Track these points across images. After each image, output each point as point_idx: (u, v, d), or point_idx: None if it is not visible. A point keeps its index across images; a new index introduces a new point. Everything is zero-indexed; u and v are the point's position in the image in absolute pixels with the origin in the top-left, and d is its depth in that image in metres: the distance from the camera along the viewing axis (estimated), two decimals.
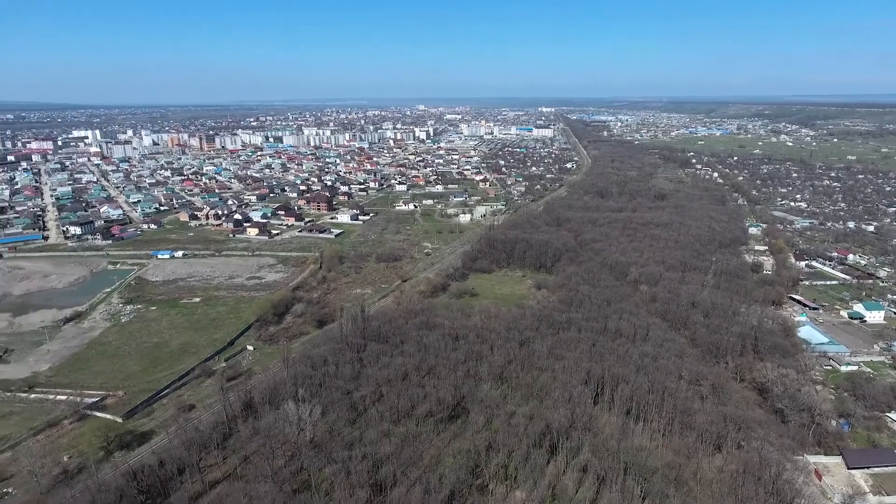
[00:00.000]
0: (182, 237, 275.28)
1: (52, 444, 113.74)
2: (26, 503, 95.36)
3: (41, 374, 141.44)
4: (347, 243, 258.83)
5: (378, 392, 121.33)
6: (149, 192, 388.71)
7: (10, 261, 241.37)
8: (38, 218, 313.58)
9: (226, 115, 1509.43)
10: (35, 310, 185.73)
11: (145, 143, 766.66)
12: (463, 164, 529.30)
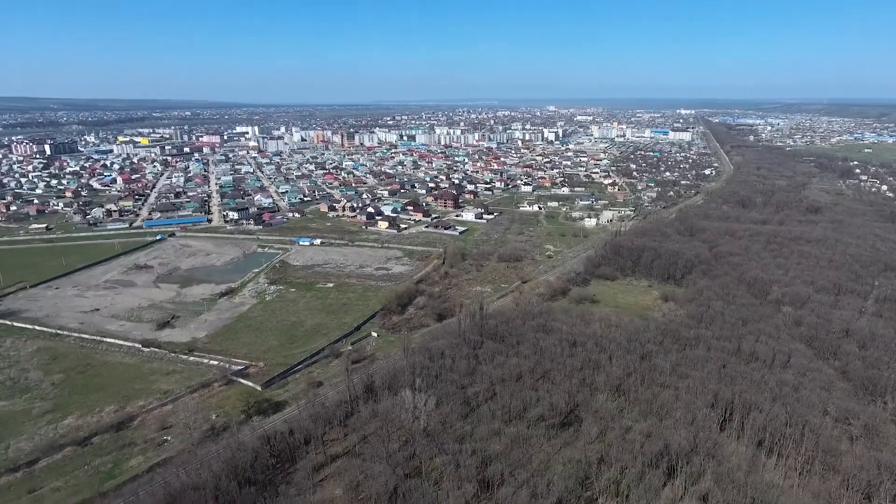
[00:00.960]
0: (321, 226, 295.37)
1: (203, 402, 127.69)
2: (181, 451, 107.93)
3: (199, 341, 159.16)
4: (470, 241, 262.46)
5: (491, 390, 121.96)
6: (295, 184, 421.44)
7: (181, 239, 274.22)
8: (204, 203, 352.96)
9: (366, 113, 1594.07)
10: (198, 283, 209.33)
11: (295, 138, 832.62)
12: (591, 167, 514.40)
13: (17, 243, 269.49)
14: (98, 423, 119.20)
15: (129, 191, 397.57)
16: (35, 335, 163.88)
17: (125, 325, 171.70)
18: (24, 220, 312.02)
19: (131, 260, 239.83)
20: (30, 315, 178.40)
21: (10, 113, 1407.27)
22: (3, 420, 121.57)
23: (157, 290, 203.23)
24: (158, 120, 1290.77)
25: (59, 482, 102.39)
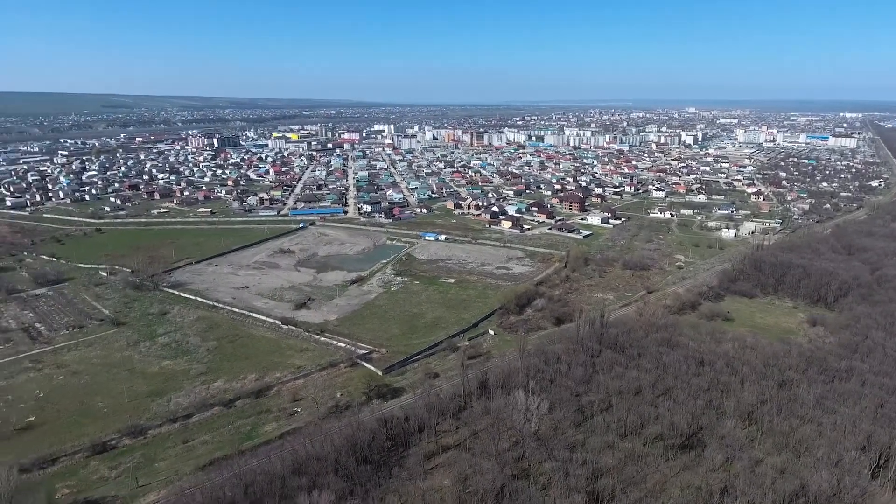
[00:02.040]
0: (446, 223, 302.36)
1: (330, 380, 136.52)
2: (308, 423, 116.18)
3: (330, 323, 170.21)
4: (595, 246, 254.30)
5: (607, 401, 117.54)
6: (425, 181, 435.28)
7: (320, 228, 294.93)
8: (342, 195, 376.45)
9: (496, 114, 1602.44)
10: (332, 270, 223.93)
11: (427, 137, 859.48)
12: (733, 174, 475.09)
13: (188, 224, 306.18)
14: (241, 389, 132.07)
15: (279, 182, 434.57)
16: (196, 305, 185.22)
17: (269, 302, 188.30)
18: (194, 204, 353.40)
19: (277, 244, 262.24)
20: (193, 287, 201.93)
21: (188, 110, 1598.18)
22: (168, 377, 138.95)
23: (297, 274, 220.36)
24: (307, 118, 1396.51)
25: (207, 436, 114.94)
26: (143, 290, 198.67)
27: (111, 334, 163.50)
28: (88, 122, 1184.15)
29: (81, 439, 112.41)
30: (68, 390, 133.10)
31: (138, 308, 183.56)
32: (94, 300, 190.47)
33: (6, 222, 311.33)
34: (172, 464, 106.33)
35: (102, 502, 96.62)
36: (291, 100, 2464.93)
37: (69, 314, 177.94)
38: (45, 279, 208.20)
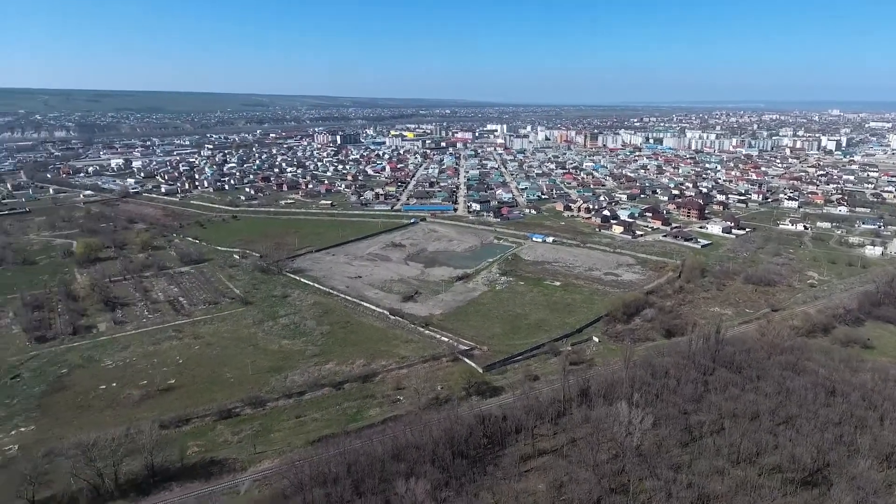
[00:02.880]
0: (554, 225, 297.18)
1: (432, 373, 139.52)
2: (409, 412, 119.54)
3: (434, 317, 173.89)
4: (714, 256, 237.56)
5: (719, 423, 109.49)
6: (535, 182, 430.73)
7: (430, 224, 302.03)
8: (452, 193, 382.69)
9: (612, 114, 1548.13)
10: (439, 265, 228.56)
11: (539, 137, 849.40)
12: (883, 185, 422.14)
13: (310, 215, 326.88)
14: (350, 373, 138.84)
15: (394, 178, 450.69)
16: (314, 291, 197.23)
17: (379, 293, 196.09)
18: (317, 197, 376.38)
19: (389, 238, 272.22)
20: (312, 274, 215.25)
21: (316, 109, 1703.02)
22: (286, 355, 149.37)
23: (406, 267, 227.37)
24: (423, 117, 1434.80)
25: (317, 414, 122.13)
26: (268, 273, 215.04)
27: (240, 312, 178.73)
28: (231, 119, 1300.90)
29: (211, 404, 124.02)
30: (202, 359, 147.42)
31: (264, 290, 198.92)
32: (227, 280, 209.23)
33: (161, 206, 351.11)
34: (286, 436, 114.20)
35: (225, 463, 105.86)
36: (409, 99, 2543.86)
37: (207, 291, 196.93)
38: (189, 258, 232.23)
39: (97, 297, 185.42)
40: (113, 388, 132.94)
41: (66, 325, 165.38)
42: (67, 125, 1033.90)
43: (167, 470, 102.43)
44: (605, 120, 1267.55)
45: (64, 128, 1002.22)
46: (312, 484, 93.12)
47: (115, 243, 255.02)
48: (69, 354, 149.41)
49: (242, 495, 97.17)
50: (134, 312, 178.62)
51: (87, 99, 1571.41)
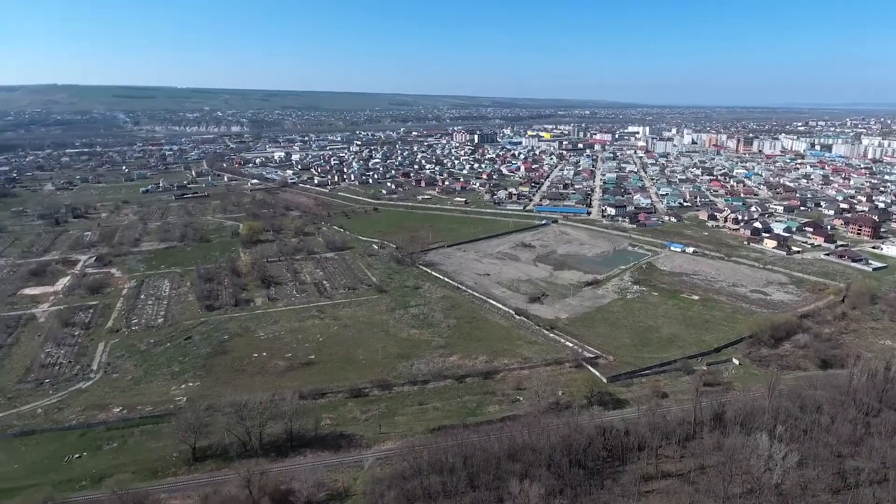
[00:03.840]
0: (696, 234, 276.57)
1: (554, 377, 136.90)
2: (528, 413, 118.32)
3: (560, 321, 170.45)
4: (888, 281, 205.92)
5: (881, 473, 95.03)
6: (677, 188, 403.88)
7: (562, 226, 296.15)
8: (587, 196, 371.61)
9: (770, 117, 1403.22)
10: (568, 269, 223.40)
11: (685, 140, 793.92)
12: None
13: (445, 211, 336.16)
14: (472, 367, 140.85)
15: (528, 178, 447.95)
16: (443, 285, 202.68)
17: (505, 292, 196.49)
18: (452, 194, 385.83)
19: (519, 238, 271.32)
20: (443, 268, 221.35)
21: (456, 108, 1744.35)
22: (414, 344, 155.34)
23: (535, 268, 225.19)
24: (562, 117, 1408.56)
25: (438, 403, 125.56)
26: (403, 264, 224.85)
27: (375, 299, 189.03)
28: (378, 117, 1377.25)
29: (344, 382, 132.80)
30: (339, 339, 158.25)
31: (398, 280, 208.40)
32: (366, 268, 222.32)
33: (313, 196, 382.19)
34: (408, 420, 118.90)
35: (352, 438, 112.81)
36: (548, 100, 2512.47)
37: (347, 277, 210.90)
38: (333, 245, 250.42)
39: (256, 275, 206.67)
40: (263, 357, 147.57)
41: (230, 298, 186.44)
42: (242, 121, 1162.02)
43: (303, 437, 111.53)
44: (762, 123, 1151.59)
45: (239, 123, 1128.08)
46: (430, 470, 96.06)
47: (274, 228, 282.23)
48: (230, 323, 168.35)
49: (366, 470, 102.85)
50: (285, 291, 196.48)
51: (259, 98, 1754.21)
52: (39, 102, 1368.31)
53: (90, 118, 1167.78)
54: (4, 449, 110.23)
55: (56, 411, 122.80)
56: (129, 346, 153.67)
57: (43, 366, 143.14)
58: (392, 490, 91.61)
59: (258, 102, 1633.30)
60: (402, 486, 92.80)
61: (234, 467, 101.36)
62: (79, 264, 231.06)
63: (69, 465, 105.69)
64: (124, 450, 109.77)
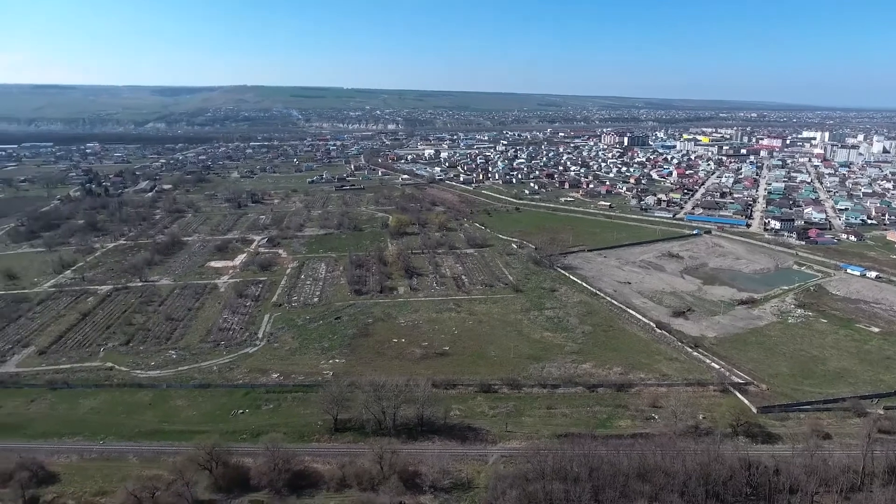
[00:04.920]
0: (881, 257, 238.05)
1: (694, 399, 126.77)
2: (662, 434, 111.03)
3: (706, 339, 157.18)
4: None
5: None
6: (860, 202, 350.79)
7: (715, 238, 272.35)
8: (747, 206, 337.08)
9: None
10: (720, 284, 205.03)
11: (874, 149, 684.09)
12: None
13: (587, 214, 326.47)
14: (605, 377, 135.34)
15: (680, 185, 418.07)
16: (580, 290, 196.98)
17: (647, 303, 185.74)
18: (596, 197, 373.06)
19: (666, 247, 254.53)
20: (581, 273, 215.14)
21: (606, 109, 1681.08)
22: (546, 346, 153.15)
23: (681, 281, 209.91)
24: (723, 120, 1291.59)
25: (567, 410, 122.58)
26: (540, 265, 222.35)
27: (511, 298, 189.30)
28: (526, 117, 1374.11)
29: (475, 376, 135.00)
30: (473, 334, 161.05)
31: (534, 281, 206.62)
32: (503, 266, 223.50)
33: (458, 193, 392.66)
34: (535, 423, 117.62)
35: (479, 431, 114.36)
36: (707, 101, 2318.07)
37: (485, 274, 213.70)
38: (474, 242, 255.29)
39: (400, 265, 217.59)
40: (402, 343, 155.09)
41: (376, 284, 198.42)
42: (397, 119, 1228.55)
43: (432, 423, 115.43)
44: None
45: (395, 121, 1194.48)
46: (553, 476, 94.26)
47: (419, 221, 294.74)
48: (375, 308, 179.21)
49: (489, 466, 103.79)
50: (426, 282, 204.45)
51: (414, 98, 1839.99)
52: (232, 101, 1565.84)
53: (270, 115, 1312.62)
54: (187, 397, 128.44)
55: (227, 370, 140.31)
56: (289, 320, 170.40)
57: (220, 329, 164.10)
58: (514, 489, 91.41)
59: (413, 102, 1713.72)
60: (525, 488, 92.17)
61: (368, 442, 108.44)
62: (253, 244, 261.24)
63: (234, 418, 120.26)
64: (278, 411, 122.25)
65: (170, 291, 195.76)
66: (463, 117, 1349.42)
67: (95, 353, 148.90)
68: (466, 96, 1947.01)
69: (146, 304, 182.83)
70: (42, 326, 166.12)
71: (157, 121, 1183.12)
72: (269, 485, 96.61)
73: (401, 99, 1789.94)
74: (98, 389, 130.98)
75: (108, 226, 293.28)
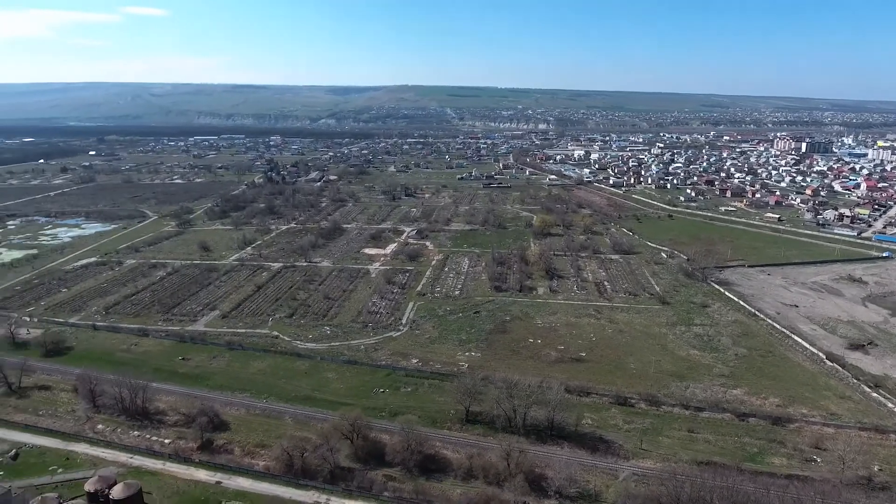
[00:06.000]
0: None
1: (869, 446, 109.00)
2: (825, 480, 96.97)
3: (890, 380, 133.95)
4: None
5: None
6: None
7: None
8: None
9: None
10: None
11: None
12: None
13: (751, 226, 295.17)
14: (759, 408, 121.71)
15: (869, 199, 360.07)
16: (736, 308, 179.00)
17: (816, 330, 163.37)
18: (763, 208, 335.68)
19: (846, 269, 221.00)
20: (738, 290, 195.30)
21: (782, 111, 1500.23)
22: (692, 365, 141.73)
23: (862, 309, 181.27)
24: None
25: (710, 436, 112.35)
26: (692, 278, 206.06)
27: (656, 309, 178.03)
28: (686, 119, 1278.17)
29: (610, 387, 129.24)
30: (612, 343, 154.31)
31: (683, 293, 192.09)
32: (650, 276, 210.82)
33: (606, 196, 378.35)
34: (673, 445, 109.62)
35: (611, 444, 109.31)
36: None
37: (629, 282, 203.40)
38: (619, 248, 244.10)
39: (542, 265, 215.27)
40: (537, 343, 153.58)
41: (516, 283, 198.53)
42: (548, 119, 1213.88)
43: (563, 429, 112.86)
44: None
45: (546, 121, 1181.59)
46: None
47: (564, 223, 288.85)
48: (513, 306, 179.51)
49: (619, 481, 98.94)
50: (566, 285, 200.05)
51: (566, 97, 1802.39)
52: (394, 100, 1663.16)
53: (427, 113, 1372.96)
54: (336, 370, 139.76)
55: (373, 350, 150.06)
56: (430, 310, 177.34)
57: (369, 312, 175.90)
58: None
59: (565, 102, 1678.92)
60: None
61: (497, 438, 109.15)
62: (404, 234, 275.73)
63: (375, 395, 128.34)
64: (415, 395, 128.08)
65: (329, 273, 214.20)
66: (617, 118, 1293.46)
67: (265, 322, 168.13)
68: (621, 96, 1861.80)
69: (308, 283, 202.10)
70: (226, 294, 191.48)
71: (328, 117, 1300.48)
72: (401, 463, 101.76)
73: (553, 98, 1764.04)
74: (265, 354, 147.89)
75: (283, 210, 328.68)
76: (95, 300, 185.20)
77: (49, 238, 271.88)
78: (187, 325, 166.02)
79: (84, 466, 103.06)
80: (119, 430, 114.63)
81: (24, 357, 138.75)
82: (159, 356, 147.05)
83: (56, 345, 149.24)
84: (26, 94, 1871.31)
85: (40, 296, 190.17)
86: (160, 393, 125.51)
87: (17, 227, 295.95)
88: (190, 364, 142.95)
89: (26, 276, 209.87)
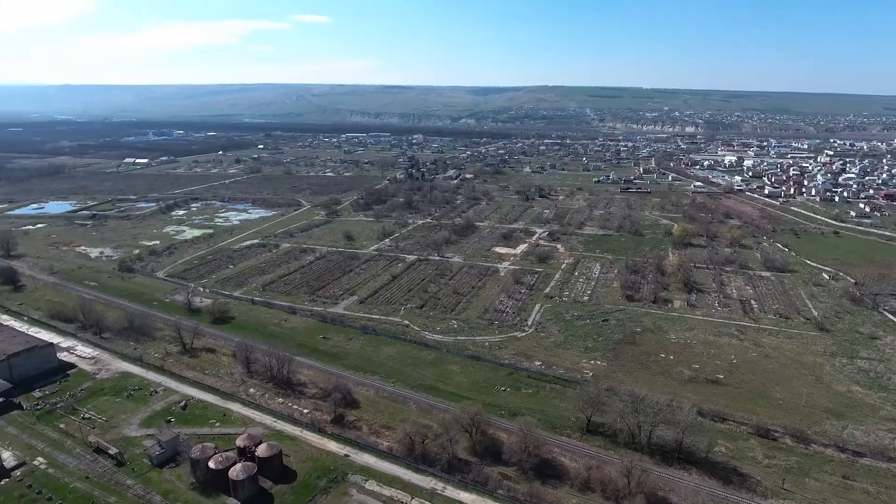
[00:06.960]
0: None
1: None
2: None
3: None
4: None
5: None
6: None
7: None
8: None
9: None
10: None
11: None
12: None
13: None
14: None
15: None
16: None
17: None
18: None
19: None
20: None
21: None
22: (853, 403, 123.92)
23: None
24: None
25: (869, 486, 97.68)
26: (859, 304, 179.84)
27: (811, 336, 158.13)
28: (864, 124, 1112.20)
29: (751, 415, 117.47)
30: (755, 368, 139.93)
31: (848, 321, 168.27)
32: (807, 298, 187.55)
33: (759, 207, 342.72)
34: (822, 490, 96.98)
35: (746, 478, 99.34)
36: None
37: (781, 303, 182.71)
38: (772, 265, 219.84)
39: (680, 277, 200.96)
40: (669, 359, 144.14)
41: (650, 293, 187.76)
42: (697, 122, 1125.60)
43: (692, 453, 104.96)
44: None
45: (694, 124, 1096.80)
46: None
47: (708, 233, 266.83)
48: (645, 318, 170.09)
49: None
50: (706, 300, 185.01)
51: (720, 99, 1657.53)
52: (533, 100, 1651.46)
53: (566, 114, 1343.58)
54: (460, 364, 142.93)
55: (497, 348, 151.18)
56: (557, 314, 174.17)
57: (495, 310, 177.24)
58: None
59: (718, 103, 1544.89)
60: None
61: (619, 453, 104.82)
62: (535, 236, 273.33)
63: (496, 393, 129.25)
64: (536, 398, 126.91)
65: (459, 268, 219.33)
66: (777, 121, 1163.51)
67: (397, 311, 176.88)
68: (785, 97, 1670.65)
69: (440, 276, 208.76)
70: (364, 281, 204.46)
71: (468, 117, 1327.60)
72: (517, 463, 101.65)
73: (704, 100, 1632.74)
74: (395, 340, 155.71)
75: (420, 205, 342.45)
76: (255, 277, 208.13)
77: (222, 220, 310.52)
78: (329, 306, 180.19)
79: (237, 424, 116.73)
80: (266, 396, 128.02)
81: (197, 322, 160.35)
82: (304, 333, 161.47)
83: (222, 314, 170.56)
84: (212, 93, 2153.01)
85: (212, 270, 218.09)
86: (302, 367, 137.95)
87: (198, 209, 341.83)
88: (329, 343, 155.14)
89: (202, 252, 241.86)
